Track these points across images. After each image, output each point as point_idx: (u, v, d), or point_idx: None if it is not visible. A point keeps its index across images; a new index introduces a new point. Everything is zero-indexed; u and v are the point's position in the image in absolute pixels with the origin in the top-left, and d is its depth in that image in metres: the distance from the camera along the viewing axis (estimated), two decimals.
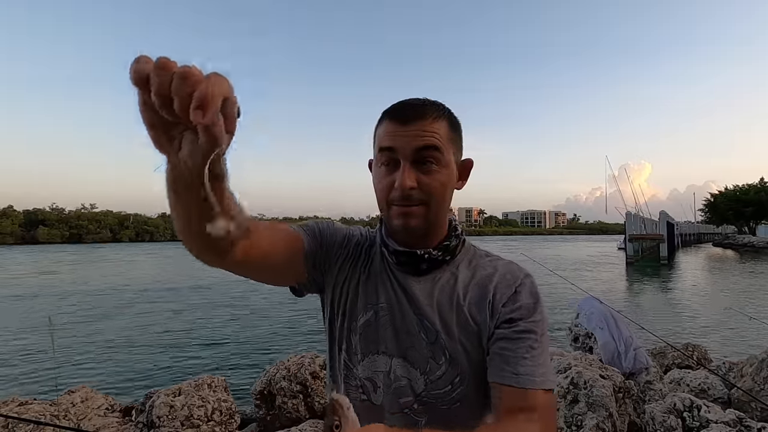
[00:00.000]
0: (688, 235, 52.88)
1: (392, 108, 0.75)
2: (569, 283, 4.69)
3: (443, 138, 0.72)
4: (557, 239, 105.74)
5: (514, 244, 63.21)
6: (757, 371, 3.31)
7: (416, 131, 0.71)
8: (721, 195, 64.13)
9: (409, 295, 0.77)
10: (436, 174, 0.72)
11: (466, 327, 0.74)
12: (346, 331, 0.80)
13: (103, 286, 17.19)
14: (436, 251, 0.77)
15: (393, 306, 0.78)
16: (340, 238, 0.83)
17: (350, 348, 0.79)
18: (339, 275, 0.82)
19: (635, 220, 30.25)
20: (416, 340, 0.75)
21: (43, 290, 16.12)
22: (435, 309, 0.75)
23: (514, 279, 0.76)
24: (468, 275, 0.78)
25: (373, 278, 0.81)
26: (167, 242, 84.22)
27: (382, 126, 0.75)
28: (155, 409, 2.86)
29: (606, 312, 4.18)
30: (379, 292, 0.79)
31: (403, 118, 0.72)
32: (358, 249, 0.84)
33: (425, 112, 0.72)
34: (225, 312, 11.79)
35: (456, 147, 0.76)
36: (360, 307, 0.79)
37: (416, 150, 0.71)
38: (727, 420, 2.53)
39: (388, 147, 0.72)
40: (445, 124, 0.74)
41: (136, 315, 11.33)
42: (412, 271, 0.78)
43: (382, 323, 0.77)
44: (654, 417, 2.70)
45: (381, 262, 0.82)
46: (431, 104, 0.74)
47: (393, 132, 0.72)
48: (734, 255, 35.36)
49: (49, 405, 2.92)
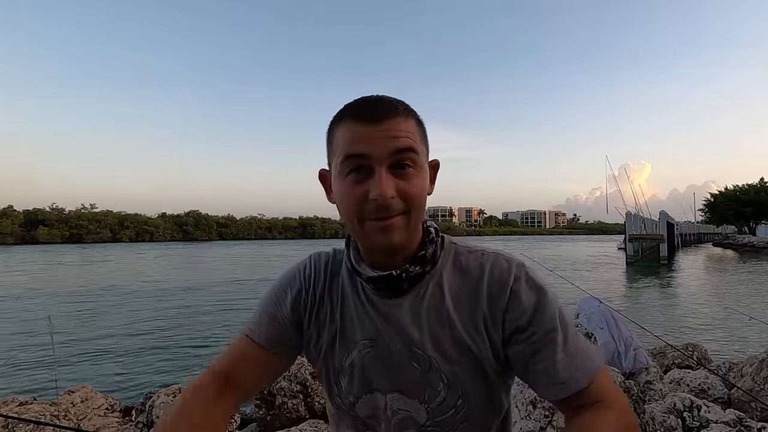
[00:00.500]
0: (688, 235, 52.91)
1: (354, 105, 0.64)
2: (569, 283, 4.69)
3: (416, 138, 0.64)
4: (557, 239, 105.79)
5: (514, 244, 63.23)
6: (757, 371, 3.31)
7: (390, 131, 0.61)
8: (721, 195, 64.14)
9: (393, 323, 0.69)
10: (414, 179, 0.63)
11: (462, 345, 0.67)
12: (334, 376, 0.74)
13: (104, 286, 17.19)
14: (413, 266, 0.67)
15: (377, 340, 0.70)
16: (286, 308, 0.74)
17: (341, 391, 0.73)
18: (308, 333, 0.75)
19: (635, 220, 30.25)
20: (408, 371, 0.68)
21: (43, 290, 16.12)
22: (425, 332, 0.68)
23: (506, 276, 0.66)
24: (455, 281, 0.69)
25: (349, 315, 0.72)
26: (167, 242, 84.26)
27: (343, 128, 0.64)
28: (155, 409, 2.85)
29: (606, 312, 4.17)
30: (359, 329, 0.71)
31: (372, 116, 0.62)
32: (312, 295, 0.74)
33: (395, 109, 0.63)
34: (225, 312, 11.79)
35: (426, 148, 0.68)
36: (342, 348, 0.72)
37: (393, 153, 0.61)
38: (727, 420, 2.53)
39: (358, 153, 0.61)
40: (414, 122, 0.65)
41: (137, 315, 11.32)
42: (393, 294, 0.68)
43: (369, 361, 0.70)
44: (654, 417, 2.70)
45: (353, 293, 0.72)
46: (396, 101, 0.65)
47: (362, 133, 0.61)
48: (734, 255, 35.36)
49: (49, 405, 2.92)
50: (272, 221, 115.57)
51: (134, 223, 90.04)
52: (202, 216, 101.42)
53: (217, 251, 47.38)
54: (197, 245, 68.65)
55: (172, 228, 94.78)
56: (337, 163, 0.64)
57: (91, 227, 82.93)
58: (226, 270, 25.00)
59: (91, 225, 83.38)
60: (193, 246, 65.24)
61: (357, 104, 0.65)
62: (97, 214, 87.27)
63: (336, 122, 0.66)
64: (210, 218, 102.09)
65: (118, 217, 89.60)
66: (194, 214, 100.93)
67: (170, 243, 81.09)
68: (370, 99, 0.65)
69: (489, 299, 0.66)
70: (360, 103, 0.65)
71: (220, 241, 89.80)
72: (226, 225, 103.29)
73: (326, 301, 0.74)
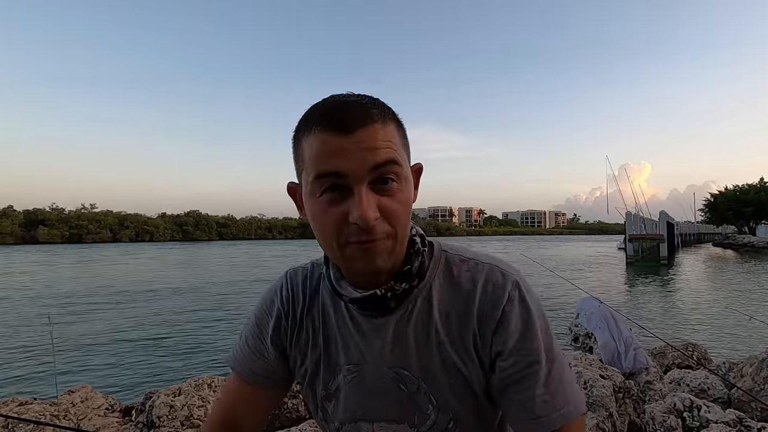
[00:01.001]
0: (688, 235, 52.91)
1: (321, 111, 0.55)
2: (569, 283, 4.69)
3: (397, 145, 0.56)
4: (557, 239, 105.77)
5: (514, 244, 63.24)
6: (757, 371, 3.31)
7: (366, 142, 0.52)
8: (721, 195, 64.15)
9: (378, 345, 0.63)
10: (399, 194, 0.56)
11: (451, 365, 0.62)
12: (321, 402, 0.69)
13: (104, 286, 17.19)
14: (399, 283, 0.60)
15: (361, 365, 0.65)
16: (268, 342, 0.70)
17: (328, 416, 0.69)
18: (291, 358, 0.71)
19: (635, 220, 30.24)
20: (395, 395, 0.63)
21: (43, 290, 16.12)
22: (411, 351, 0.62)
23: (500, 294, 0.60)
24: (444, 296, 0.63)
25: (333, 336, 0.67)
26: (167, 242, 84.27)
27: (311, 139, 0.54)
28: (155, 409, 2.85)
29: (606, 312, 4.18)
30: (343, 353, 0.66)
31: (345, 124, 0.52)
32: (292, 319, 0.70)
33: (370, 114, 0.53)
34: (225, 312, 11.79)
35: (407, 152, 0.60)
36: (327, 372, 0.67)
37: (373, 168, 0.53)
38: (727, 420, 2.53)
39: (332, 171, 0.53)
40: (393, 125, 0.56)
41: (137, 315, 11.32)
42: (378, 313, 0.63)
43: (352, 388, 0.65)
44: (654, 417, 2.70)
45: (335, 313, 0.67)
46: (371, 102, 0.55)
47: (334, 147, 0.52)
48: (734, 255, 35.36)
49: (49, 405, 2.92)
50: (272, 221, 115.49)
51: (134, 223, 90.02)
52: (202, 216, 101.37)
53: (217, 251, 47.38)
54: (197, 245, 68.65)
55: (172, 228, 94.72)
56: (309, 181, 0.55)
57: (91, 227, 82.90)
58: (225, 270, 24.99)
59: (91, 225, 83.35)
60: (193, 246, 65.24)
61: (325, 110, 0.54)
62: (97, 214, 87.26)
63: (302, 130, 0.56)
64: (210, 218, 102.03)
65: (118, 217, 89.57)
66: (194, 214, 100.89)
67: (170, 243, 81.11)
68: (339, 101, 0.55)
69: (480, 317, 0.61)
70: (328, 107, 0.54)
71: (220, 241, 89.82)
72: (226, 225, 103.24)
73: (307, 324, 0.69)
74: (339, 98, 0.55)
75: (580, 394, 0.62)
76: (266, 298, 0.73)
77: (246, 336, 0.73)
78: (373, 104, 0.55)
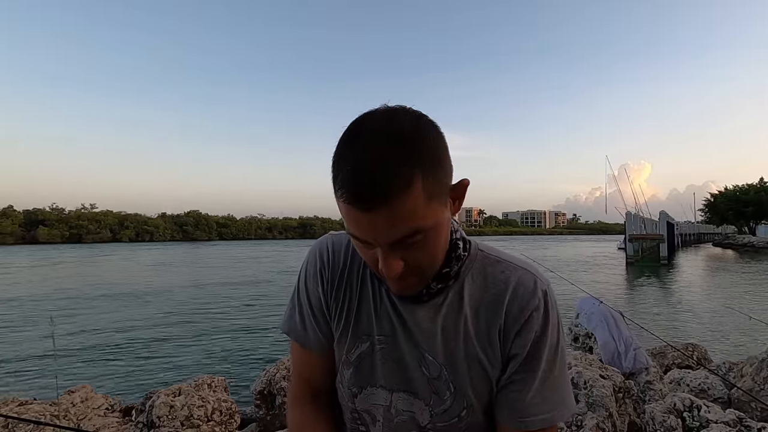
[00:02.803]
0: (688, 235, 52.94)
1: (342, 182, 0.53)
2: (569, 283, 4.70)
3: (421, 210, 0.53)
4: (557, 239, 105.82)
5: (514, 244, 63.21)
6: (757, 371, 3.31)
7: (385, 222, 0.52)
8: (721, 195, 64.22)
9: (408, 326, 0.67)
10: (425, 247, 0.57)
11: (474, 358, 0.65)
12: (339, 364, 0.73)
13: (104, 287, 17.19)
14: (435, 283, 0.65)
15: (390, 338, 0.68)
16: (322, 304, 0.73)
17: (343, 380, 0.72)
18: (331, 311, 0.74)
19: (635, 220, 30.25)
20: (417, 375, 0.67)
21: (44, 290, 16.12)
22: (438, 340, 0.66)
23: (530, 298, 0.64)
24: (476, 292, 0.66)
25: (366, 305, 0.70)
26: (167, 242, 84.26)
27: (339, 204, 0.55)
28: (155, 409, 2.85)
29: (606, 312, 4.17)
30: (375, 322, 0.69)
31: (362, 203, 0.52)
32: (331, 281, 0.72)
33: (388, 191, 0.51)
34: (225, 312, 11.80)
35: (441, 189, 0.56)
36: (353, 339, 0.71)
37: (392, 243, 0.55)
38: (727, 420, 2.53)
39: (355, 236, 0.57)
40: (419, 185, 0.52)
41: (137, 315, 11.33)
42: (412, 299, 0.67)
43: (379, 356, 0.69)
44: (654, 417, 2.70)
45: (373, 285, 0.70)
46: (394, 165, 0.51)
47: (355, 220, 0.54)
48: (734, 255, 35.39)
49: (49, 405, 2.92)
50: (272, 221, 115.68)
51: (134, 223, 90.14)
52: (202, 216, 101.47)
53: (217, 251, 47.35)
54: (197, 245, 68.64)
55: (172, 228, 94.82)
56: (343, 223, 0.58)
57: (91, 227, 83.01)
58: (224, 271, 24.98)
59: (91, 225, 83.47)
60: (193, 246, 65.23)
61: (344, 180, 0.53)
62: (97, 214, 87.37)
63: (332, 178, 0.55)
64: (210, 218, 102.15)
65: (118, 217, 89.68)
66: (194, 214, 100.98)
67: (170, 243, 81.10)
68: (361, 173, 0.51)
69: (507, 316, 0.64)
70: (348, 177, 0.52)
71: (220, 241, 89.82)
72: (226, 225, 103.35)
73: (344, 289, 0.72)
74: (360, 158, 0.52)
75: (569, 406, 0.66)
76: (310, 260, 0.75)
77: (297, 302, 0.75)
78: (395, 169, 0.51)
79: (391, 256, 0.56)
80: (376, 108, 0.57)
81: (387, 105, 0.57)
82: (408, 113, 0.56)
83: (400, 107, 0.57)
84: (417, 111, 0.57)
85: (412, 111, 0.57)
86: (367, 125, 0.55)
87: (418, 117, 0.56)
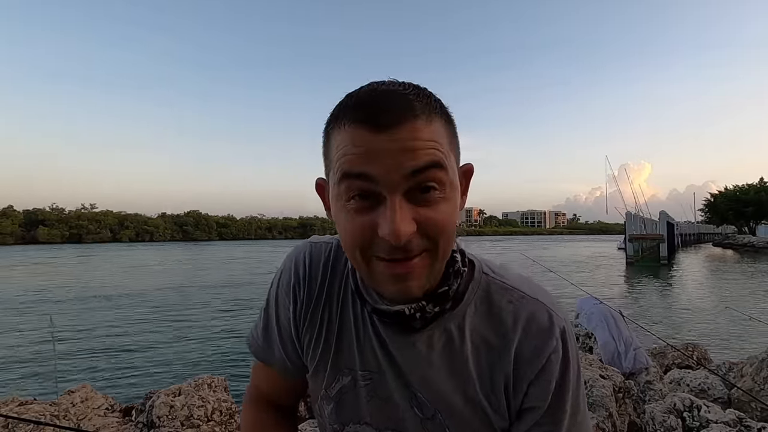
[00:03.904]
0: (688, 235, 52.96)
1: (355, 101, 0.46)
2: (569, 283, 4.70)
3: (444, 146, 0.46)
4: (557, 239, 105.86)
5: (513, 244, 63.24)
6: (757, 371, 3.31)
7: (406, 141, 0.44)
8: (721, 195, 64.26)
9: (397, 362, 0.56)
10: (443, 204, 0.47)
11: (474, 404, 0.54)
12: (317, 401, 0.63)
13: (104, 287, 17.19)
14: (431, 305, 0.52)
15: (376, 374, 0.58)
16: (289, 326, 0.63)
17: (323, 414, 0.62)
18: (302, 342, 0.63)
19: (635, 220, 30.26)
20: (409, 415, 0.57)
21: (44, 290, 16.12)
22: (433, 380, 0.55)
23: (545, 340, 0.53)
24: (479, 327, 0.55)
25: (348, 333, 0.59)
26: (167, 242, 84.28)
27: (342, 134, 0.46)
28: (155, 409, 2.85)
29: (606, 312, 4.18)
30: (356, 355, 0.58)
31: (379, 120, 0.44)
32: (310, 292, 0.61)
33: (412, 107, 0.44)
34: (225, 312, 11.80)
35: (456, 153, 0.50)
36: (333, 372, 0.60)
37: (411, 174, 0.44)
38: (727, 420, 2.53)
39: (360, 173, 0.45)
40: (442, 121, 0.47)
41: (137, 315, 11.33)
42: (401, 329, 0.55)
43: (364, 393, 0.58)
44: (654, 417, 2.70)
45: (355, 308, 0.59)
46: (415, 92, 0.46)
47: (366, 145, 0.44)
48: (734, 255, 35.40)
49: (49, 405, 2.92)
50: (272, 221, 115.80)
51: (134, 223, 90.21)
52: (202, 216, 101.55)
53: (217, 251, 47.36)
54: (197, 245, 68.63)
55: (172, 228, 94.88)
56: (335, 182, 0.47)
57: (91, 227, 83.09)
58: (224, 270, 24.98)
59: (91, 225, 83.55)
60: (193, 246, 65.21)
61: (360, 100, 0.46)
62: (97, 214, 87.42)
63: (333, 123, 0.48)
64: (210, 218, 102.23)
65: (118, 217, 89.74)
66: (194, 214, 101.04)
67: (170, 243, 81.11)
68: (376, 90, 0.46)
69: (517, 361, 0.53)
70: (364, 97, 0.45)
71: (220, 241, 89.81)
72: (226, 225, 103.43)
73: (322, 311, 0.61)
74: (377, 86, 0.46)
75: None
76: (284, 271, 0.64)
77: (265, 316, 0.67)
78: (417, 95, 0.46)
79: (403, 208, 0.44)
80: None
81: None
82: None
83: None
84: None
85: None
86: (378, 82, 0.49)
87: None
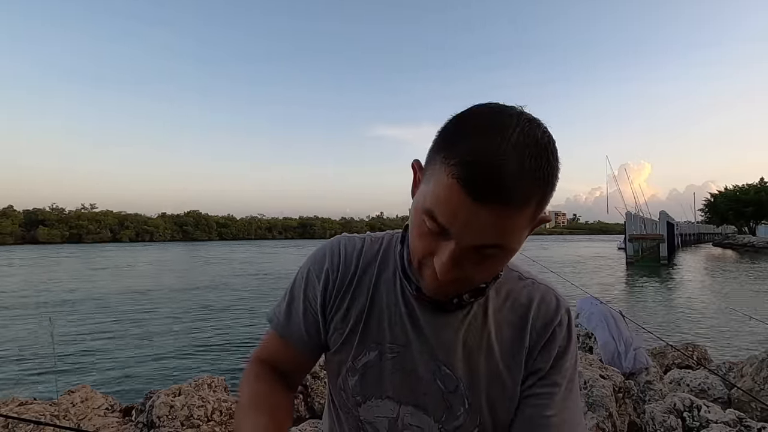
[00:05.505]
0: (688, 235, 52.96)
1: (469, 161, 0.46)
2: (569, 283, 4.70)
3: (521, 230, 0.51)
4: (557, 239, 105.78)
5: None
6: (757, 371, 3.31)
7: (487, 221, 0.47)
8: (721, 195, 64.25)
9: (426, 336, 0.64)
10: (490, 264, 0.53)
11: (495, 374, 0.63)
12: (343, 373, 0.68)
13: (104, 287, 17.19)
14: (468, 295, 0.61)
15: (403, 347, 0.64)
16: (317, 303, 0.68)
17: (347, 388, 0.67)
18: (328, 322, 0.69)
19: (635, 220, 30.27)
20: (431, 388, 0.63)
21: (44, 290, 16.12)
22: (459, 353, 0.63)
23: (553, 316, 0.64)
24: (500, 307, 0.65)
25: (379, 310, 0.66)
26: (167, 242, 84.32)
27: (444, 178, 0.48)
28: (155, 409, 2.85)
29: (606, 312, 4.18)
30: (387, 329, 0.65)
31: (478, 194, 0.46)
32: (339, 285, 0.68)
33: (513, 197, 0.46)
34: (225, 312, 11.79)
35: (539, 215, 0.53)
36: (360, 346, 0.66)
37: (474, 247, 0.50)
38: (727, 420, 2.53)
39: (441, 224, 0.49)
40: (534, 205, 0.49)
41: (137, 315, 11.32)
42: (434, 307, 0.63)
43: (389, 367, 0.65)
44: (654, 417, 2.71)
45: (392, 289, 0.66)
46: (533, 177, 0.47)
47: (455, 206, 0.47)
48: (734, 255, 35.41)
49: (49, 405, 2.92)
50: (272, 221, 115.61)
51: (134, 223, 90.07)
52: (202, 216, 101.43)
53: (218, 251, 47.38)
54: (197, 245, 68.67)
55: (172, 228, 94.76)
56: (421, 202, 0.52)
57: (91, 227, 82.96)
58: (224, 271, 24.99)
59: (91, 225, 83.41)
60: (193, 246, 65.27)
61: (485, 167, 0.46)
62: (97, 214, 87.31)
63: (443, 153, 0.49)
64: (210, 218, 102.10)
65: (118, 217, 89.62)
66: (194, 214, 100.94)
67: (170, 243, 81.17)
68: (496, 163, 0.45)
69: (532, 335, 0.63)
70: (488, 167, 0.45)
71: (220, 241, 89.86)
72: (226, 225, 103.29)
73: (353, 294, 0.67)
74: (501, 151, 0.46)
75: (582, 425, 0.64)
76: (317, 257, 0.70)
77: (290, 293, 0.71)
78: (530, 179, 0.46)
79: (459, 258, 0.51)
80: (506, 104, 0.52)
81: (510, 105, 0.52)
82: (546, 129, 0.51)
83: (534, 117, 0.51)
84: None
85: (546, 128, 0.51)
86: (513, 120, 0.48)
87: (553, 138, 0.51)
